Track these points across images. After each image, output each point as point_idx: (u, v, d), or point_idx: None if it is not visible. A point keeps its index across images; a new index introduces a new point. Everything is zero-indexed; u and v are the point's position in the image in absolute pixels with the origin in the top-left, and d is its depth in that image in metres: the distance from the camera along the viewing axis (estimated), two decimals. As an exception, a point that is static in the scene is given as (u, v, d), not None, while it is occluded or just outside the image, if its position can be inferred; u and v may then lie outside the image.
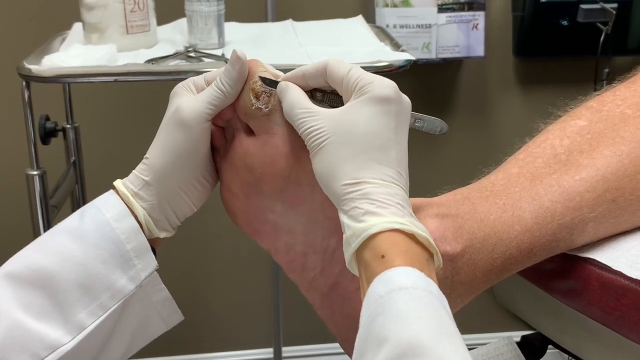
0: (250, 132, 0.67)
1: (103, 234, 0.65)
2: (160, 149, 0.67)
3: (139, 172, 0.67)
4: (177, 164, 0.66)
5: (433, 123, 0.66)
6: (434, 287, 0.54)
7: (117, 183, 0.68)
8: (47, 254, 0.65)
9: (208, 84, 0.68)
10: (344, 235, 0.59)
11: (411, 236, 0.57)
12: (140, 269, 0.66)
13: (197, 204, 0.70)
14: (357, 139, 0.59)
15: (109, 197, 0.68)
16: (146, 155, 0.68)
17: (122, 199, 0.67)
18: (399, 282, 0.53)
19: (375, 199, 0.57)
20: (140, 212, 0.67)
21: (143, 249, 0.66)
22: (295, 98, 0.63)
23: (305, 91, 0.65)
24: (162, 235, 0.68)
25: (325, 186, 0.61)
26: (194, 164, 0.67)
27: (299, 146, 0.64)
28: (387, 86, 0.61)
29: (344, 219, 0.59)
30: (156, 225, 0.67)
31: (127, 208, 0.66)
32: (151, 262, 0.67)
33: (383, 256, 0.55)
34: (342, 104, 0.63)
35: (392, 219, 0.56)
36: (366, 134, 0.59)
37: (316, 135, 0.61)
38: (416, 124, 0.66)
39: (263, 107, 0.65)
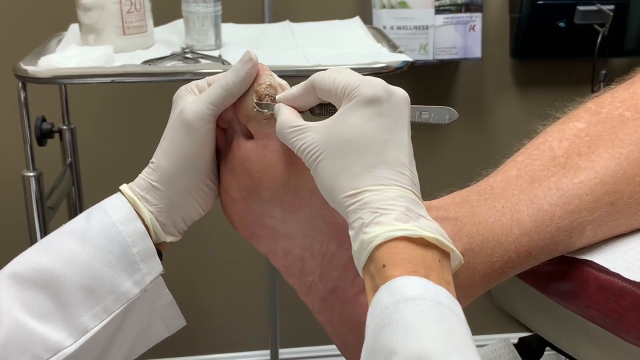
0: (249, 136, 0.66)
1: (109, 236, 0.65)
2: (166, 152, 0.66)
3: (146, 175, 0.67)
4: (183, 166, 0.66)
5: (440, 112, 0.63)
6: (443, 295, 0.52)
7: (123, 187, 0.67)
8: (52, 255, 0.64)
9: (210, 86, 0.67)
10: (352, 249, 0.57)
11: (420, 240, 0.55)
12: (146, 273, 0.66)
13: (205, 207, 0.69)
14: (350, 147, 0.58)
15: (116, 199, 0.67)
16: (152, 160, 0.67)
17: (129, 202, 0.66)
18: (406, 292, 0.52)
19: (377, 207, 0.56)
20: (147, 216, 0.66)
21: (149, 252, 0.66)
22: (284, 118, 0.62)
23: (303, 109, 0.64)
24: (169, 239, 0.68)
25: (331, 202, 0.60)
26: (201, 167, 0.67)
27: None
28: (374, 85, 0.59)
29: (350, 232, 0.57)
30: (163, 230, 0.67)
31: (134, 211, 0.66)
32: (156, 266, 0.67)
33: (384, 265, 0.54)
34: None
35: (396, 226, 0.55)
36: (358, 140, 0.58)
37: (310, 151, 0.59)
38: (422, 117, 0.63)
39: (265, 110, 0.65)
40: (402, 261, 0.54)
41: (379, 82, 0.59)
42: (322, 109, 0.64)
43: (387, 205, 0.56)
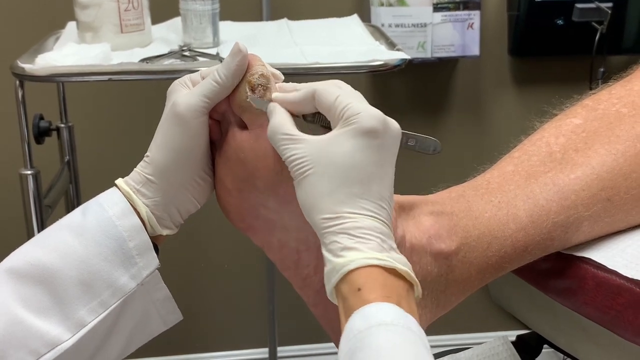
0: (243, 126, 0.67)
1: (106, 231, 0.65)
2: (159, 145, 0.66)
3: (140, 169, 0.67)
4: (177, 159, 0.66)
5: (425, 142, 0.66)
6: (413, 323, 0.54)
7: (119, 181, 0.68)
8: (49, 249, 0.64)
9: (204, 79, 0.67)
10: (324, 269, 0.59)
11: (391, 270, 0.57)
12: (142, 267, 0.66)
13: (200, 200, 0.69)
14: (338, 172, 0.59)
15: (112, 194, 0.67)
16: (147, 153, 0.67)
17: (124, 196, 0.66)
18: (379, 317, 0.53)
19: (354, 235, 0.57)
20: (143, 209, 0.66)
21: (145, 247, 0.66)
22: (278, 122, 0.62)
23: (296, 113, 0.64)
24: (165, 232, 0.68)
25: (307, 217, 0.61)
26: (195, 159, 0.67)
27: None
28: (373, 117, 0.60)
29: (324, 252, 0.59)
30: (159, 223, 0.67)
31: (130, 205, 0.66)
32: (153, 260, 0.67)
33: (359, 289, 0.56)
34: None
35: (370, 254, 0.56)
36: (347, 167, 0.59)
37: (299, 164, 0.60)
38: (409, 144, 0.65)
39: (258, 108, 0.65)
40: (377, 286, 0.56)
41: (378, 114, 0.60)
42: (314, 117, 0.64)
43: (363, 234, 0.57)
